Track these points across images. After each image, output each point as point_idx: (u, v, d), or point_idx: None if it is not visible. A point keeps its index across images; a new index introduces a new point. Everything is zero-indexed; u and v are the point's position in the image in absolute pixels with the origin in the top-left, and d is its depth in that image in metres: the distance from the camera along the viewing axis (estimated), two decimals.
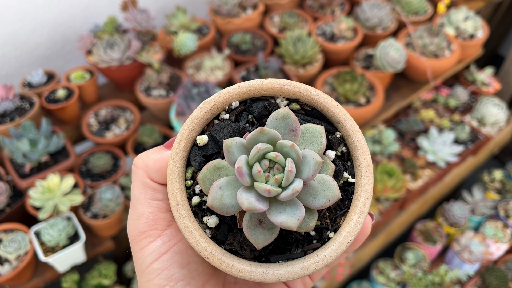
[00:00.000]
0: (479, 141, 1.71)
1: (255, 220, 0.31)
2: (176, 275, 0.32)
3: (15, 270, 1.02)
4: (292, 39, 1.42)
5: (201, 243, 0.31)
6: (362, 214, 0.32)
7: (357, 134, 0.34)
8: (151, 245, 0.33)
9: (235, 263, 0.31)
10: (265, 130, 0.30)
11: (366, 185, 0.32)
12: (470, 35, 1.66)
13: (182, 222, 0.32)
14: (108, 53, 1.28)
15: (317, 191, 0.31)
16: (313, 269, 0.30)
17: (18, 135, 1.12)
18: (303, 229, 0.31)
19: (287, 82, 0.35)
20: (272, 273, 0.31)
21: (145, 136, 1.25)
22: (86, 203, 1.15)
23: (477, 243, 1.64)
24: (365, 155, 0.33)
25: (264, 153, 0.30)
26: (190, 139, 0.34)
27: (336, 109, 0.35)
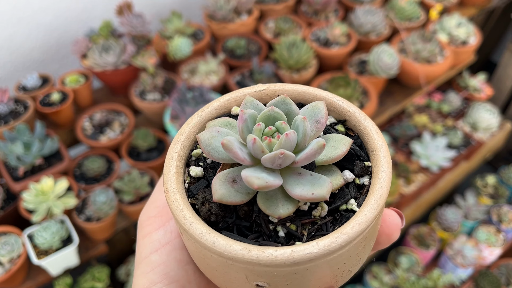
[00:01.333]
0: (471, 146, 1.72)
1: (230, 177, 0.29)
2: (172, 273, 0.30)
3: (8, 273, 1.01)
4: (286, 44, 1.43)
5: (171, 178, 0.30)
6: (343, 235, 0.27)
7: (385, 165, 0.31)
8: (153, 234, 0.32)
9: (186, 209, 0.28)
10: (288, 100, 0.30)
11: (366, 212, 0.29)
12: (462, 42, 1.68)
13: (170, 155, 0.31)
14: (103, 57, 1.29)
15: (305, 181, 0.29)
16: (254, 257, 0.26)
17: (12, 138, 1.12)
18: (270, 211, 0.28)
19: (341, 98, 0.35)
20: (210, 237, 0.27)
21: (139, 139, 1.26)
22: (80, 206, 1.15)
23: (470, 248, 1.65)
24: (382, 186, 0.30)
25: (274, 117, 0.29)
26: (227, 106, 0.35)
27: (378, 136, 0.33)
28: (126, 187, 1.17)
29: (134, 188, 1.17)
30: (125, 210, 1.18)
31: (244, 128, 0.29)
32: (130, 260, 1.37)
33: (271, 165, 0.28)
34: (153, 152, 1.28)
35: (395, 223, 0.33)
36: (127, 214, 1.20)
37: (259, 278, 0.28)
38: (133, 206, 1.16)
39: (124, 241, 1.31)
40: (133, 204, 1.17)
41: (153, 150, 1.28)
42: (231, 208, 0.30)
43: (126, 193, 1.17)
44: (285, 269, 0.27)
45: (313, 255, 0.26)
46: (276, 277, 0.27)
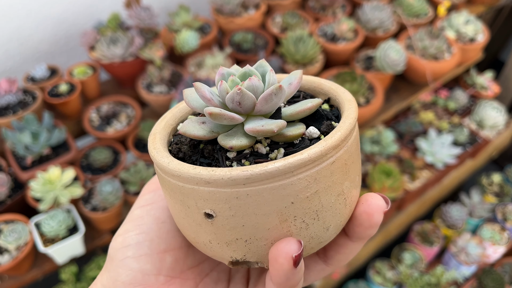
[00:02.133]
0: (477, 143, 1.72)
1: (201, 120, 0.33)
2: (145, 227, 0.34)
3: (15, 260, 1.03)
4: (293, 39, 1.43)
5: (158, 128, 0.36)
6: (321, 144, 0.29)
7: (351, 111, 0.33)
8: (143, 196, 0.37)
9: (162, 148, 0.33)
10: (264, 62, 0.34)
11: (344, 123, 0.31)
12: (470, 39, 1.67)
13: (158, 123, 0.36)
14: (111, 49, 1.30)
15: (261, 120, 0.31)
16: (227, 175, 0.28)
17: (21, 127, 1.14)
18: (224, 142, 0.31)
19: (329, 81, 0.37)
20: (181, 165, 0.30)
21: (146, 131, 1.27)
22: (86, 196, 1.16)
23: (474, 245, 1.65)
24: (351, 110, 0.33)
25: (249, 74, 0.32)
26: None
27: (349, 103, 0.34)
28: (132, 178, 1.18)
29: (140, 179, 1.18)
30: (131, 201, 1.19)
31: (219, 80, 0.31)
32: None
33: (232, 105, 0.30)
34: None
35: (378, 204, 0.32)
36: (132, 204, 1.21)
37: (206, 204, 0.29)
38: None
39: None
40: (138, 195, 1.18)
41: None
42: (199, 149, 0.33)
43: (132, 184, 1.18)
44: (226, 191, 0.28)
45: (249, 173, 0.27)
46: (220, 202, 0.29)
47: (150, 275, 0.31)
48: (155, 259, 0.32)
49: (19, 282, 1.10)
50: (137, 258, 0.31)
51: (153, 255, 0.32)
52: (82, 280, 1.21)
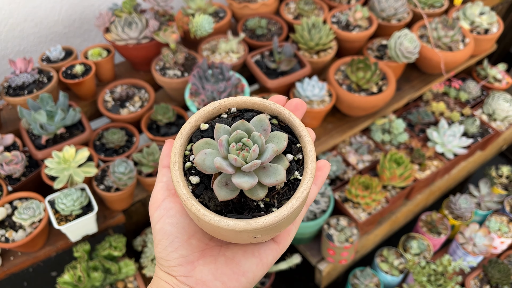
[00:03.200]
0: (488, 135, 1.72)
1: (223, 182, 0.42)
2: (168, 231, 0.45)
3: (29, 236, 1.05)
4: (307, 26, 1.43)
5: (183, 190, 0.42)
6: (299, 199, 0.41)
7: (310, 146, 0.44)
8: (153, 214, 0.47)
9: (201, 209, 0.41)
10: (245, 122, 0.43)
11: (307, 180, 0.42)
12: (484, 30, 1.66)
13: (174, 174, 0.44)
14: (125, 32, 1.30)
15: (270, 173, 0.42)
16: (253, 227, 0.40)
17: (36, 107, 1.15)
18: (254, 197, 0.42)
19: (272, 102, 0.48)
20: (225, 222, 0.40)
21: (159, 114, 1.28)
22: (100, 176, 1.18)
23: (481, 236, 1.66)
24: (312, 161, 0.44)
25: (240, 137, 0.42)
26: (196, 124, 0.47)
27: (300, 127, 0.46)
28: (144, 160, 1.19)
29: (153, 161, 1.19)
30: (143, 182, 1.20)
31: (224, 150, 0.42)
32: (147, 231, 1.40)
33: (248, 171, 0.41)
34: (172, 127, 1.30)
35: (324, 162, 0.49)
36: (144, 186, 1.23)
37: (257, 234, 0.42)
38: (151, 178, 1.18)
39: (141, 213, 1.33)
40: (151, 177, 1.20)
41: (172, 124, 1.30)
42: (228, 200, 0.44)
43: (144, 166, 1.20)
44: (271, 226, 0.41)
45: (287, 214, 0.41)
46: (266, 231, 0.42)
47: (188, 255, 0.45)
48: (186, 245, 0.45)
49: (33, 258, 1.12)
50: (176, 251, 0.45)
51: (183, 244, 0.45)
52: (94, 258, 1.23)
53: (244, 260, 0.46)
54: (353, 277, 1.66)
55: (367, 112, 1.46)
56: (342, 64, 1.48)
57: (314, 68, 1.46)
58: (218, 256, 0.46)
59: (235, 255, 0.46)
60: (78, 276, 1.13)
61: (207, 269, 0.45)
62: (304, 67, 1.38)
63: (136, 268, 1.25)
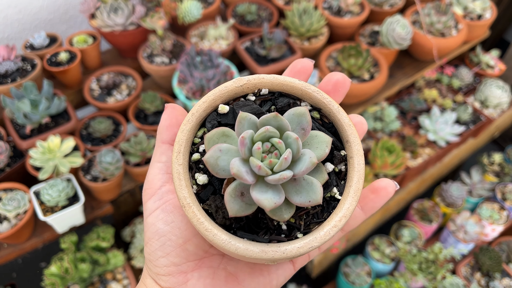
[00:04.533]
0: (480, 122, 1.71)
1: (238, 191, 0.33)
2: (160, 230, 0.37)
3: (14, 228, 1.03)
4: (298, 12, 1.40)
5: (184, 192, 0.34)
6: (334, 228, 0.33)
7: (358, 157, 0.35)
8: (147, 203, 0.39)
9: (205, 222, 0.33)
10: (279, 117, 0.33)
11: (348, 205, 0.34)
12: (478, 16, 1.64)
13: (176, 168, 0.35)
14: (111, 18, 1.27)
15: (302, 189, 0.33)
16: (270, 256, 0.32)
17: (19, 95, 1.12)
18: (276, 217, 0.33)
19: (316, 89, 0.37)
20: (233, 244, 0.32)
21: (146, 102, 1.25)
22: (86, 166, 1.15)
23: (472, 224, 1.66)
24: (359, 179, 0.35)
25: (269, 136, 0.33)
26: (213, 104, 0.37)
27: (350, 129, 0.36)
28: (132, 149, 1.17)
29: (141, 150, 1.17)
30: (131, 172, 1.18)
31: (245, 151, 0.32)
32: (135, 221, 1.39)
33: (274, 183, 0.32)
34: (160, 115, 1.28)
35: (389, 182, 0.39)
36: (133, 176, 1.21)
37: (272, 262, 0.35)
38: (139, 168, 1.16)
39: (130, 203, 1.32)
40: (139, 166, 1.17)
41: (160, 113, 1.28)
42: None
43: (132, 155, 1.17)
44: (293, 257, 0.33)
45: (315, 246, 0.33)
46: (284, 260, 0.34)
47: (181, 264, 0.37)
48: (179, 251, 0.37)
49: (19, 250, 1.10)
50: (166, 256, 0.37)
51: (177, 249, 0.37)
52: (82, 250, 1.21)
53: (249, 279, 0.39)
54: (344, 266, 1.66)
55: (358, 99, 1.44)
56: (334, 51, 1.46)
57: (305, 55, 1.43)
58: (217, 269, 0.39)
59: (239, 271, 0.39)
60: (65, 268, 1.11)
61: (202, 285, 0.38)
62: (294, 54, 1.36)
63: (125, 259, 1.23)
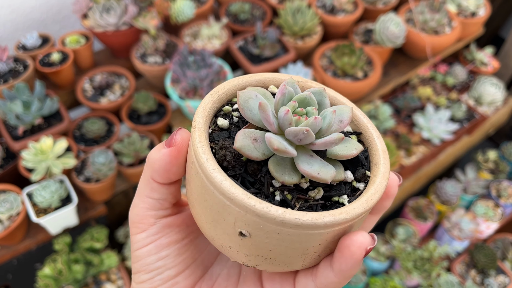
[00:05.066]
0: (475, 120, 1.71)
1: (252, 134, 0.32)
2: (150, 265, 0.37)
3: (7, 230, 1.02)
4: (291, 10, 1.40)
5: (200, 123, 0.33)
6: (341, 214, 0.32)
7: (383, 178, 0.34)
8: (137, 235, 0.38)
9: (206, 150, 0.31)
10: (324, 92, 0.34)
11: (354, 206, 0.32)
12: (471, 13, 1.64)
13: (203, 104, 0.34)
14: (104, 18, 1.26)
15: (315, 161, 0.32)
16: (325, 222, 0.30)
17: (12, 96, 1.11)
18: (281, 178, 0.32)
19: (362, 113, 0.38)
20: (274, 209, 0.30)
21: (140, 102, 1.25)
22: (79, 167, 1.15)
23: (467, 221, 1.66)
24: (375, 192, 0.33)
25: (308, 102, 0.33)
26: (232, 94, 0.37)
27: (384, 155, 0.36)
28: (125, 150, 1.16)
29: (134, 150, 1.16)
30: (125, 173, 1.18)
31: (280, 100, 0.32)
32: None
33: (292, 138, 0.31)
34: (154, 115, 1.27)
35: (394, 177, 0.36)
36: (126, 176, 1.20)
37: (245, 227, 0.31)
38: (132, 169, 1.16)
39: (124, 204, 1.31)
40: (132, 167, 1.17)
41: (153, 113, 1.28)
42: (243, 162, 0.33)
43: (125, 156, 1.17)
44: (272, 226, 0.30)
45: (300, 222, 0.29)
46: (260, 231, 0.31)
47: None
48: (169, 285, 0.37)
49: (13, 252, 1.10)
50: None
51: (167, 283, 0.37)
52: (76, 251, 1.21)
53: None
54: None
55: (352, 98, 1.44)
56: (327, 50, 1.45)
57: (299, 54, 1.43)
58: None
59: None
60: (58, 269, 1.11)
61: None
62: (288, 53, 1.36)
63: (119, 260, 1.23)
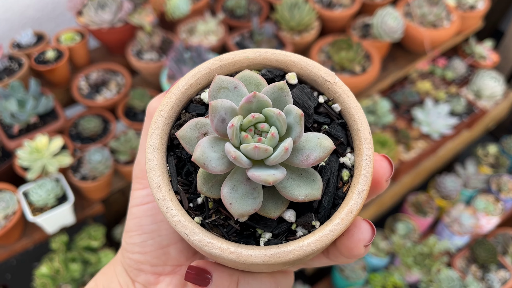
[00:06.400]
0: (474, 114, 1.70)
1: (209, 177, 0.32)
2: (145, 227, 0.36)
3: (3, 229, 1.02)
4: (288, 5, 1.39)
5: (173, 213, 0.32)
6: (298, 250, 0.31)
7: (358, 196, 0.33)
8: (138, 191, 0.37)
9: (184, 220, 0.31)
10: (258, 95, 0.30)
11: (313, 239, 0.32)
12: (470, 6, 1.63)
13: (162, 204, 0.32)
14: (99, 14, 1.25)
15: (298, 182, 0.32)
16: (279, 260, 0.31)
17: (6, 95, 1.11)
18: (266, 213, 0.32)
19: (321, 68, 0.36)
20: (216, 245, 0.31)
21: (136, 100, 1.24)
22: (75, 165, 1.14)
23: (467, 216, 1.65)
24: (344, 218, 0.33)
25: (255, 122, 0.31)
26: (188, 94, 0.35)
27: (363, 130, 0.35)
28: (122, 147, 1.15)
29: (130, 148, 1.15)
30: (121, 170, 1.17)
31: (244, 107, 0.31)
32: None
33: (226, 154, 0.30)
34: None
35: (363, 237, 0.35)
36: (123, 174, 1.20)
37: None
38: (129, 166, 1.15)
39: (121, 202, 1.30)
40: (129, 164, 1.16)
41: None
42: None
43: (122, 153, 1.16)
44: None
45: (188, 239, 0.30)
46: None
47: (157, 265, 0.36)
48: (160, 253, 0.36)
49: (9, 251, 1.09)
50: (144, 254, 0.35)
51: (157, 250, 0.36)
52: (73, 250, 1.20)
53: None
54: None
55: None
56: (325, 44, 1.44)
57: (296, 49, 1.42)
58: None
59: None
60: (56, 268, 1.11)
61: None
62: (285, 48, 1.34)
63: None
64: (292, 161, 0.31)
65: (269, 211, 0.32)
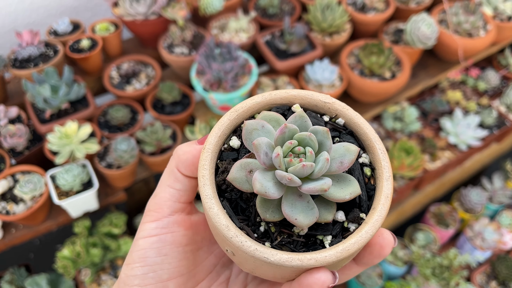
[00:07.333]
0: (505, 127, 1.66)
1: (248, 166, 0.37)
2: (149, 259, 0.37)
3: (29, 210, 1.05)
4: (321, 6, 1.38)
5: (206, 166, 0.37)
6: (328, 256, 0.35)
7: (376, 220, 0.37)
8: (148, 224, 0.38)
9: (209, 201, 0.36)
10: (326, 134, 0.36)
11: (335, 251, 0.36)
12: (508, 17, 1.59)
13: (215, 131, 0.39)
14: (134, 7, 1.28)
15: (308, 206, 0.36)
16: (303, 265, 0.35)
17: (41, 80, 1.14)
18: (270, 218, 0.36)
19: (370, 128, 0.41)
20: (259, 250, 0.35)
21: (164, 92, 1.26)
22: (102, 152, 1.17)
23: (491, 231, 1.62)
24: (358, 239, 0.36)
25: (307, 141, 0.36)
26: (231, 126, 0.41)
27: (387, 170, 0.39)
28: (148, 138, 1.17)
29: (156, 139, 1.17)
30: (146, 161, 1.19)
31: (279, 138, 0.36)
32: None
33: (280, 180, 0.35)
34: (177, 106, 1.28)
35: (390, 239, 0.38)
36: (147, 164, 1.22)
37: (229, 248, 0.37)
38: (154, 158, 1.17)
39: (144, 191, 1.33)
40: (154, 156, 1.18)
41: (177, 104, 1.28)
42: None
43: (148, 144, 1.18)
44: (246, 255, 0.35)
45: (268, 260, 0.34)
46: (240, 255, 0.36)
47: None
48: (159, 287, 0.37)
49: (34, 232, 1.13)
50: (143, 287, 0.37)
51: (157, 284, 0.37)
52: (94, 235, 1.23)
53: None
54: None
55: (379, 98, 1.42)
56: (356, 48, 1.43)
57: (326, 51, 1.42)
58: None
59: None
60: (77, 252, 1.14)
61: None
62: (315, 49, 1.34)
63: None
64: (330, 170, 0.36)
65: (325, 217, 0.37)
